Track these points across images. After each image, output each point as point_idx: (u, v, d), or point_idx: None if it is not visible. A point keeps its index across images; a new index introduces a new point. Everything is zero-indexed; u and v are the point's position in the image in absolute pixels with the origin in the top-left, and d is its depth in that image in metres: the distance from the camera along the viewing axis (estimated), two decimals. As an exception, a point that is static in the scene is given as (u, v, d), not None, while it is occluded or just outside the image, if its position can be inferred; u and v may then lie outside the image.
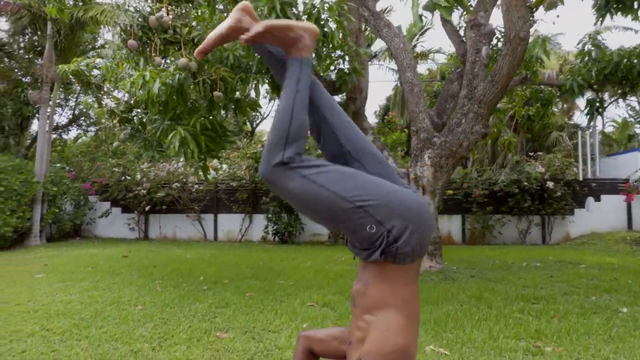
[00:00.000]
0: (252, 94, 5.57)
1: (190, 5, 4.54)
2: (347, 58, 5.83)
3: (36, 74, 12.23)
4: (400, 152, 13.30)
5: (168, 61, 5.60)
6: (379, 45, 15.60)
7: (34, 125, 14.04)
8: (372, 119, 19.44)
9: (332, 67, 5.94)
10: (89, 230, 14.12)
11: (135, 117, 5.77)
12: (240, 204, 13.41)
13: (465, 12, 7.82)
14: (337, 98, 7.78)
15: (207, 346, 3.52)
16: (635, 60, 7.39)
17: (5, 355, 3.24)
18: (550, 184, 11.48)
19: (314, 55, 5.11)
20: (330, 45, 5.50)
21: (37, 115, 12.74)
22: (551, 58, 12.22)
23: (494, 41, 7.81)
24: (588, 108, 8.41)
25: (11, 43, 13.04)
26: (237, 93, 5.53)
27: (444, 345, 3.51)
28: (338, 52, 5.77)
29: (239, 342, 3.60)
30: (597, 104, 8.43)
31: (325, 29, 5.17)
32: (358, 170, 1.59)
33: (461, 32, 8.40)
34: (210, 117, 5.27)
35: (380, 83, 41.35)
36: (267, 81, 5.22)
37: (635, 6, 6.24)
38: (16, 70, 13.46)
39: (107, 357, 3.26)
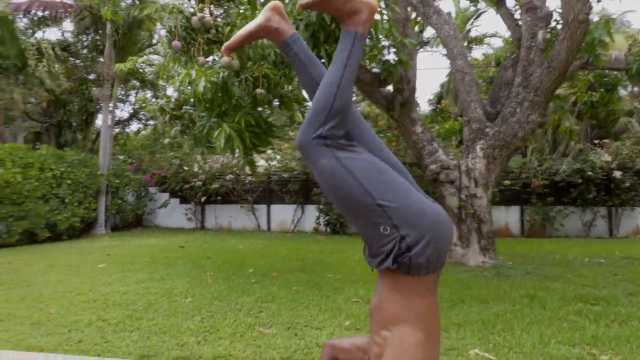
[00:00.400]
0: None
1: (232, 3, 4.59)
2: (392, 49, 5.69)
3: (97, 72, 12.87)
4: (455, 141, 12.91)
5: (216, 59, 5.69)
6: (431, 31, 15.18)
7: (99, 120, 14.82)
8: (425, 107, 18.99)
9: (376, 59, 5.81)
10: (150, 220, 14.77)
11: (185, 114, 5.92)
12: (292, 194, 13.56)
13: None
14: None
15: (250, 342, 3.58)
16: None
17: (63, 345, 3.45)
18: (617, 174, 10.76)
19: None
20: (380, 36, 5.40)
21: (100, 111, 13.41)
22: (619, 38, 11.38)
23: (552, 24, 7.35)
24: (660, 92, 7.77)
25: (75, 43, 13.77)
26: (285, 88, 5.54)
27: (490, 349, 3.38)
28: (383, 42, 5.65)
29: (280, 338, 3.64)
30: (671, 88, 7.76)
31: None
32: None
33: (517, 16, 7.98)
34: (255, 114, 5.32)
35: (434, 70, 40.25)
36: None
37: None
38: (80, 68, 14.21)
39: (154, 350, 3.39)
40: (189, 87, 5.02)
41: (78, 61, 14.15)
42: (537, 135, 14.24)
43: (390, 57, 5.90)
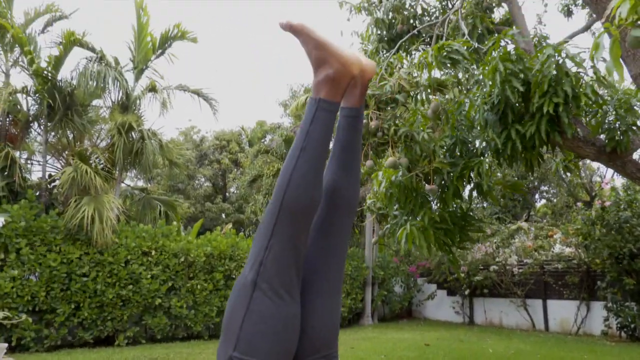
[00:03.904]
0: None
1: (395, 105, 4.58)
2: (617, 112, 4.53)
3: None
4: None
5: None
6: None
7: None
8: None
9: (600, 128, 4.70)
10: (419, 311, 14.78)
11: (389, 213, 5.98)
12: (572, 288, 11.53)
13: None
14: None
15: None
16: None
17: None
18: None
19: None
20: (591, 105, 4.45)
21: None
22: None
23: None
24: None
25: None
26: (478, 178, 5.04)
27: None
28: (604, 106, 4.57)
29: None
30: None
31: (566, 88, 4.22)
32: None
33: None
34: (443, 209, 4.96)
35: None
36: (498, 162, 4.59)
37: None
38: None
39: None
40: (375, 188, 5.13)
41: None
42: None
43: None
